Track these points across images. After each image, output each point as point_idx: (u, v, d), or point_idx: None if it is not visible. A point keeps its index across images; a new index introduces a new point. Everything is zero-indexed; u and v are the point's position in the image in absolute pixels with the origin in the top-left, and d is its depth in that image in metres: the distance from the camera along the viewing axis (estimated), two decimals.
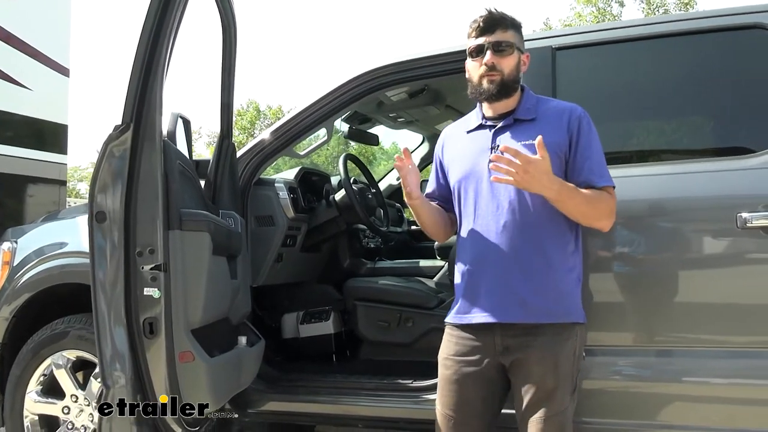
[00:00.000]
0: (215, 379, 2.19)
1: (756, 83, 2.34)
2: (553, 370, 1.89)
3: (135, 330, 2.03)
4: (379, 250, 3.90)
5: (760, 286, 2.12)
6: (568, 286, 1.96)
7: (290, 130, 2.85)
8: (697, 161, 2.33)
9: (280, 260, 3.03)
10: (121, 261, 2.01)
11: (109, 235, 2.02)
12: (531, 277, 1.91)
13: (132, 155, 1.97)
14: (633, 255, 2.25)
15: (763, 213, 2.07)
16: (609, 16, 22.72)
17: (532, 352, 1.90)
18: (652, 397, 2.21)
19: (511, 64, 2.00)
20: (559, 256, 1.95)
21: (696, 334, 2.18)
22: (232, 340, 2.50)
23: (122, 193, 1.99)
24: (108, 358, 2.07)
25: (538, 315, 1.91)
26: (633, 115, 2.56)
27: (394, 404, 2.59)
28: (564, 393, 1.90)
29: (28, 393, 2.86)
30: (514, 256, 1.92)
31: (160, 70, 1.98)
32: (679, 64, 2.47)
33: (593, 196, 1.91)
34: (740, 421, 2.14)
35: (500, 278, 1.93)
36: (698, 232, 2.22)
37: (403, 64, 2.75)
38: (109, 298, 2.03)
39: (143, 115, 1.96)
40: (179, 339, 2.04)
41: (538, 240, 1.92)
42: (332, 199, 3.23)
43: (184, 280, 2.05)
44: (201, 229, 2.14)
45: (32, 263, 2.95)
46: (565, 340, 1.92)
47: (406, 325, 3.05)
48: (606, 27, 2.66)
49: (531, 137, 1.89)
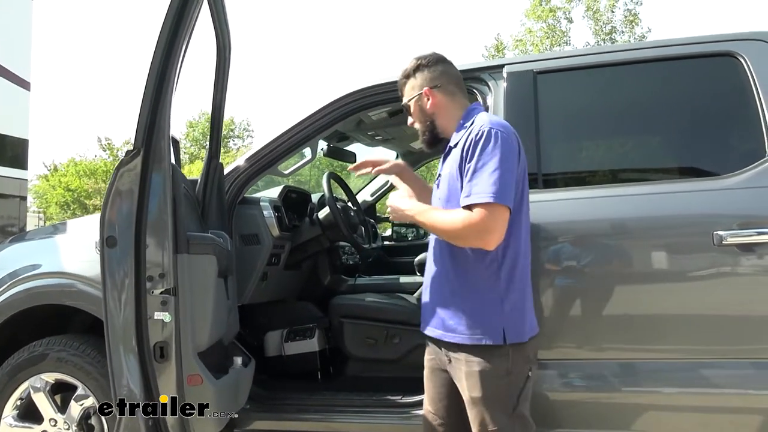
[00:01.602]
0: (221, 402, 2.19)
1: (726, 108, 2.49)
2: (477, 388, 1.93)
3: (146, 354, 2.02)
4: (357, 266, 3.93)
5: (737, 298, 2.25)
6: (488, 307, 1.94)
7: (275, 149, 2.87)
8: (676, 182, 2.44)
9: (265, 279, 3.04)
10: (131, 285, 2.00)
11: (119, 259, 2.01)
12: (449, 298, 2.00)
13: (142, 180, 1.97)
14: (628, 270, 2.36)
15: (738, 231, 2.19)
16: (558, 32, 23.33)
17: (457, 368, 1.99)
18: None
19: (418, 117, 2.16)
20: (480, 280, 1.95)
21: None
22: (228, 361, 2.50)
23: (133, 217, 1.98)
24: (120, 382, 2.05)
25: (456, 335, 1.97)
26: (612, 135, 2.68)
27: (383, 420, 2.63)
28: (496, 411, 1.93)
29: (4, 418, 2.79)
30: (436, 278, 2.07)
31: (169, 96, 2.00)
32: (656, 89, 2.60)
33: (443, 217, 1.94)
34: None
35: (429, 296, 2.10)
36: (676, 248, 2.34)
37: (387, 85, 2.81)
38: (121, 322, 2.02)
39: (153, 141, 1.97)
40: (188, 362, 2.04)
41: (458, 264, 1.98)
42: (316, 217, 3.25)
43: (192, 303, 2.06)
44: (208, 252, 2.16)
45: (6, 285, 2.89)
46: (487, 360, 1.92)
47: (393, 342, 3.09)
48: (584, 53, 2.76)
49: (447, 165, 2.06)
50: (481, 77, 2.67)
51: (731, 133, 2.47)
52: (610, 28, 23.60)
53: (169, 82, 2.01)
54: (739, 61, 2.40)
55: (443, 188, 2.04)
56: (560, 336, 2.35)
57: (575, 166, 2.68)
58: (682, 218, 2.33)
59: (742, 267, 2.23)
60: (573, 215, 2.39)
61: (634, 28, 23.50)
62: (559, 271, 2.37)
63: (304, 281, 3.57)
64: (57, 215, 31.05)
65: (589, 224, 2.38)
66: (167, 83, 2.00)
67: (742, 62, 2.39)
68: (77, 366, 2.70)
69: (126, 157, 1.99)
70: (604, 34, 23.70)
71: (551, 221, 2.35)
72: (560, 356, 2.36)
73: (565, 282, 2.37)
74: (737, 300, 2.25)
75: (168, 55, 2.00)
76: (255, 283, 2.94)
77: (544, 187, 2.46)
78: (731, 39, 2.46)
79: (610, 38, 23.64)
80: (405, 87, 2.17)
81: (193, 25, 2.01)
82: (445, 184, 2.02)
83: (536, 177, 2.44)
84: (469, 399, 1.96)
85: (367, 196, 4.54)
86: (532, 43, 23.01)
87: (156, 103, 1.99)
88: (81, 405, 2.71)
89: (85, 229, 3.22)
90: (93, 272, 2.73)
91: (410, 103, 2.15)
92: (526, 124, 2.49)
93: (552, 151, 2.59)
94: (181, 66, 2.03)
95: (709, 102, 2.52)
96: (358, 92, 2.83)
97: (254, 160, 2.88)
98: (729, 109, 2.48)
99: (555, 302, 2.36)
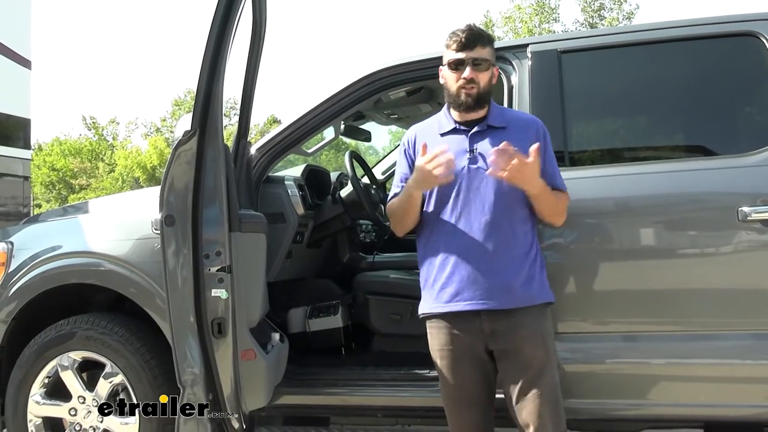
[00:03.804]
0: (270, 376, 2.24)
1: (747, 88, 2.55)
2: (542, 345, 2.11)
3: (205, 331, 2.06)
4: (373, 244, 3.97)
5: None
6: (539, 271, 2.18)
7: (299, 129, 2.89)
8: (699, 159, 2.51)
9: (290, 256, 3.07)
10: (190, 263, 2.04)
11: (178, 238, 2.04)
12: (513, 267, 2.12)
13: (198, 159, 1.99)
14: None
15: (762, 207, 2.27)
16: (547, 9, 23.29)
17: (522, 332, 2.10)
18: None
19: (486, 79, 2.19)
20: (530, 247, 2.18)
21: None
22: (267, 337, 2.55)
23: (190, 196, 2.01)
24: (182, 359, 2.09)
25: (522, 300, 2.11)
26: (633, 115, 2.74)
27: (412, 393, 2.69)
28: (553, 368, 2.13)
29: (32, 396, 2.83)
30: (497, 249, 2.11)
31: (221, 78, 2.02)
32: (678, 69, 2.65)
33: (560, 196, 2.22)
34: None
35: (485, 269, 2.11)
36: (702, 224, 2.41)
37: (410, 65, 2.84)
38: (181, 300, 2.05)
39: (208, 121, 1.99)
40: (242, 338, 2.09)
41: (515, 234, 2.15)
42: (338, 195, 3.29)
43: (245, 280, 2.09)
44: (258, 230, 2.20)
45: (29, 266, 2.91)
46: (546, 319, 2.16)
47: (418, 317, 3.14)
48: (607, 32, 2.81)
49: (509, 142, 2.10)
50: (506, 56, 2.70)
51: (752, 112, 2.53)
52: (598, 5, 23.61)
53: (222, 64, 2.03)
54: (760, 40, 2.45)
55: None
56: (585, 310, 2.45)
57: (599, 144, 2.75)
58: (707, 195, 2.40)
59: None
60: (598, 192, 2.46)
61: (622, 5, 23.54)
62: (587, 247, 2.44)
63: (324, 259, 3.61)
64: (42, 195, 30.73)
65: (615, 201, 2.46)
66: (220, 65, 2.02)
67: (763, 42, 2.44)
68: (106, 344, 2.73)
69: (184, 137, 2.01)
70: (593, 11, 23.71)
71: (577, 198, 2.40)
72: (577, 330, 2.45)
73: (593, 258, 2.45)
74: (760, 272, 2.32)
75: (220, 41, 2.03)
76: (281, 261, 2.98)
77: (570, 165, 2.51)
78: (752, 19, 2.51)
79: (599, 15, 23.66)
80: (489, 50, 2.21)
81: (242, 9, 2.03)
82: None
83: (562, 155, 2.49)
84: (531, 359, 2.08)
85: (379, 174, 4.56)
86: (521, 20, 22.98)
87: (210, 85, 2.01)
88: (110, 382, 2.75)
89: (110, 208, 3.25)
90: (120, 251, 2.78)
91: (490, 66, 2.20)
92: (551, 103, 2.56)
93: (577, 130, 2.65)
94: (231, 49, 2.05)
95: (731, 81, 2.58)
96: (382, 71, 2.84)
97: (278, 139, 2.90)
98: (750, 88, 2.54)
99: (582, 277, 2.44)
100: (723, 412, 2.39)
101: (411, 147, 2.33)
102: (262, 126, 30.38)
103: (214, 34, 2.01)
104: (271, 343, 2.53)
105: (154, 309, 2.64)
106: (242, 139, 2.77)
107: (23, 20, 5.56)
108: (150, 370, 2.67)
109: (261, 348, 2.31)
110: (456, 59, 2.17)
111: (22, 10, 5.56)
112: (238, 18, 2.08)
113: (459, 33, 2.18)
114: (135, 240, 2.75)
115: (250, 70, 2.71)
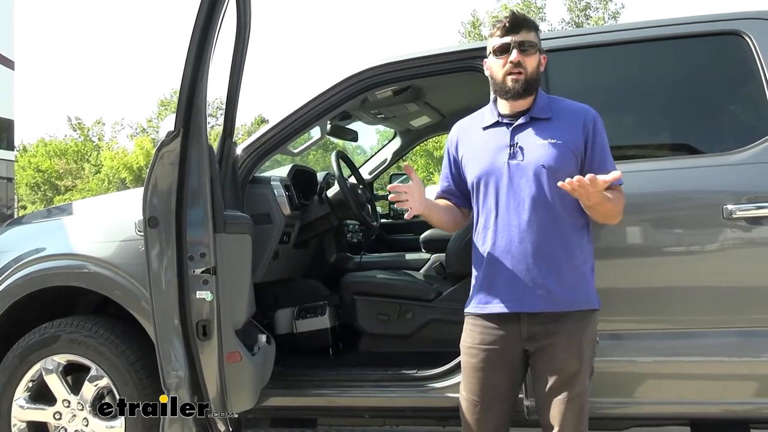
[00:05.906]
0: (256, 378, 2.23)
1: (732, 86, 2.56)
2: (578, 354, 2.03)
3: (190, 333, 2.05)
4: (360, 244, 3.97)
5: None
6: (585, 275, 2.09)
7: (286, 128, 2.87)
8: (685, 158, 2.52)
9: (276, 257, 3.06)
10: (174, 265, 2.02)
11: (161, 239, 2.03)
12: (554, 268, 2.03)
13: (182, 160, 1.98)
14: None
15: (747, 205, 2.28)
16: (534, 8, 23.38)
17: (558, 338, 2.03)
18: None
19: (533, 64, 2.11)
20: (576, 248, 2.08)
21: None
22: (253, 338, 2.53)
23: (173, 197, 1.99)
24: (167, 361, 2.08)
25: (563, 304, 2.03)
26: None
27: (399, 394, 2.68)
28: (585, 376, 2.05)
29: (16, 400, 2.80)
30: (537, 249, 2.03)
31: (205, 79, 2.01)
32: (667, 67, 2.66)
33: (616, 198, 2.06)
34: None
35: (525, 270, 2.04)
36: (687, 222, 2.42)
37: (396, 64, 2.83)
38: (165, 302, 2.03)
39: (191, 122, 1.98)
40: (228, 340, 2.08)
41: (558, 234, 2.05)
42: (325, 195, 3.27)
43: (231, 282, 2.08)
44: (243, 231, 2.18)
45: (12, 269, 2.88)
46: (586, 326, 2.06)
47: (406, 318, 3.14)
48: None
49: (549, 135, 2.06)
50: None
51: (737, 111, 2.55)
52: (584, 4, 23.76)
53: (205, 66, 2.02)
54: (744, 39, 2.47)
55: (546, 155, 2.04)
56: None
57: None
58: (692, 193, 2.41)
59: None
60: None
61: (607, 4, 23.70)
62: None
63: (311, 259, 3.60)
64: (27, 197, 30.49)
65: None
66: (203, 67, 2.01)
67: (748, 41, 2.46)
68: (91, 347, 2.71)
69: (167, 138, 2.00)
70: (579, 10, 23.85)
71: None
72: None
73: None
74: (745, 270, 2.34)
75: (203, 41, 2.01)
76: (267, 261, 2.96)
77: None
78: (736, 18, 2.52)
79: (585, 14, 23.80)
80: (534, 34, 2.13)
81: (225, 9, 2.02)
82: (551, 152, 2.04)
83: None
84: (564, 365, 2.02)
85: (366, 174, 4.56)
86: None
87: (194, 85, 2.00)
88: (95, 386, 2.72)
89: (94, 210, 3.21)
90: (104, 253, 2.75)
91: (537, 51, 2.12)
92: None
93: None
94: (214, 50, 2.04)
95: (716, 80, 2.60)
96: (369, 71, 2.83)
97: (264, 139, 2.88)
98: (735, 87, 2.55)
99: None
100: (709, 409, 2.39)
101: (453, 144, 2.28)
102: (250, 126, 30.32)
103: (198, 33, 2.00)
104: (258, 345, 2.51)
105: (139, 311, 2.62)
106: (227, 139, 2.75)
107: (6, 20, 5.50)
108: (135, 372, 2.65)
109: (247, 350, 2.30)
110: (501, 44, 2.08)
111: (4, 10, 5.50)
112: (221, 17, 2.07)
113: (503, 19, 2.11)
114: (119, 242, 2.72)
115: (235, 69, 2.68)
